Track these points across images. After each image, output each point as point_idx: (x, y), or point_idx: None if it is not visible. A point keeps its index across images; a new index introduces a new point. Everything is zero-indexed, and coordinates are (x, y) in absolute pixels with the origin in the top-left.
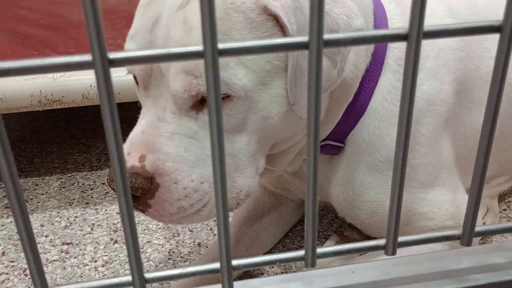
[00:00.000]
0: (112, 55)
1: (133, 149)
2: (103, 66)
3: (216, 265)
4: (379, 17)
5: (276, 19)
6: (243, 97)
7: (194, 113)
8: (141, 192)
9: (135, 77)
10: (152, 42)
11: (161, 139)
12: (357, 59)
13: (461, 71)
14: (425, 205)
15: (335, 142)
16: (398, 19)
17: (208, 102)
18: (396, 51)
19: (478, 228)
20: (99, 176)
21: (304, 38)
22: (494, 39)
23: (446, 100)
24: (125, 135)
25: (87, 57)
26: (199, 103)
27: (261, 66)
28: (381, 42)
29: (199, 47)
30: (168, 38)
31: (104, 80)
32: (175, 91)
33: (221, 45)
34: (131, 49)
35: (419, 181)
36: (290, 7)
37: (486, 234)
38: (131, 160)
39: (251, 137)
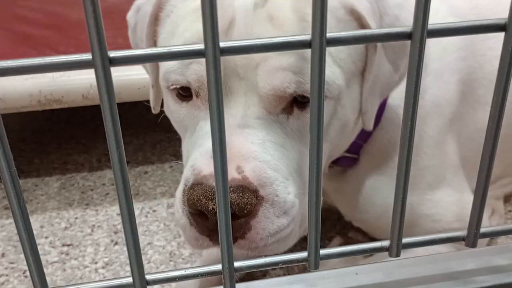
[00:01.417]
0: (113, 54)
1: None
2: (103, 65)
3: (218, 267)
4: None
5: (359, 20)
6: (334, 98)
7: (285, 116)
8: (249, 209)
9: (186, 89)
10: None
11: (254, 147)
12: None
13: (466, 70)
14: (431, 207)
15: (350, 154)
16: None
17: (209, 102)
18: None
19: (483, 229)
20: (99, 177)
21: (306, 37)
22: (497, 38)
23: (451, 101)
24: (126, 135)
25: (87, 56)
26: (290, 105)
27: (349, 66)
28: (385, 41)
29: (200, 46)
30: (252, 36)
31: (105, 79)
32: (273, 89)
33: (222, 44)
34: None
35: (426, 183)
36: (375, 10)
37: (491, 236)
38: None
39: (326, 147)
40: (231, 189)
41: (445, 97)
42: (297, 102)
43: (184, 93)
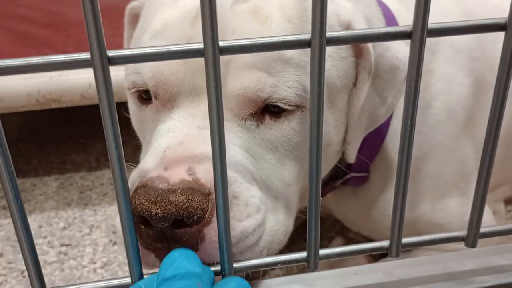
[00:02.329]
0: (111, 53)
1: (172, 162)
2: (102, 64)
3: (217, 267)
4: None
5: None
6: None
7: (254, 124)
8: (200, 214)
9: (146, 92)
10: (192, 38)
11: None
12: None
13: (478, 71)
14: (444, 217)
15: (359, 173)
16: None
17: (208, 103)
18: None
19: (483, 229)
20: (98, 176)
21: (306, 36)
22: None
23: (465, 104)
24: (124, 135)
25: (86, 55)
26: (261, 112)
27: (332, 79)
28: (385, 40)
29: (199, 45)
30: (228, 31)
31: (103, 79)
32: (242, 89)
33: (221, 43)
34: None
35: (439, 192)
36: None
37: (491, 236)
38: (177, 174)
39: (299, 168)
40: (178, 191)
41: (459, 102)
42: (270, 111)
43: (145, 96)
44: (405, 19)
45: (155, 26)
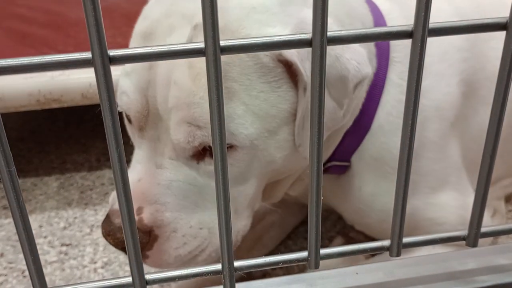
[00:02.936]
0: (113, 53)
1: None
2: (103, 63)
3: (218, 266)
4: (378, 21)
5: (287, 66)
6: (248, 147)
7: (195, 162)
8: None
9: (127, 116)
10: (151, 81)
11: (159, 188)
12: None
13: (467, 71)
14: (436, 210)
15: (340, 162)
16: (399, 21)
17: (209, 102)
18: (399, 65)
19: (484, 228)
20: (99, 176)
21: (307, 36)
22: (499, 38)
23: (453, 103)
24: (124, 135)
25: (87, 55)
26: (200, 153)
27: (266, 111)
28: (385, 39)
29: (200, 44)
30: (171, 81)
31: (104, 78)
32: (177, 141)
33: (222, 42)
34: (127, 86)
35: (430, 187)
36: (303, 54)
37: (492, 235)
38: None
39: (253, 180)
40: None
41: (447, 100)
42: (210, 150)
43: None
44: (396, 17)
45: (127, 66)
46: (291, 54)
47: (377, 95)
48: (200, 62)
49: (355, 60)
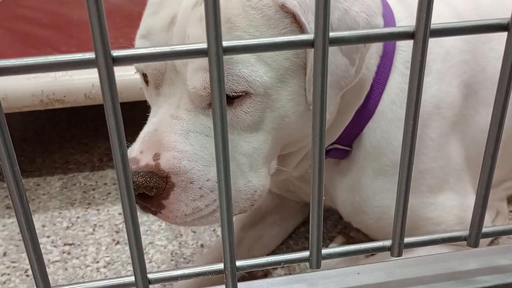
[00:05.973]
0: (116, 53)
1: (146, 147)
2: (107, 64)
3: (220, 266)
4: (388, 20)
5: (294, 16)
6: (262, 95)
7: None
8: (155, 192)
9: (144, 76)
10: (168, 42)
11: (176, 137)
12: (369, 61)
13: (468, 73)
14: (433, 210)
15: (342, 146)
16: (405, 21)
17: (212, 100)
18: (404, 54)
19: (485, 229)
20: (101, 176)
21: (309, 36)
22: (500, 40)
23: (453, 103)
24: (128, 135)
25: (90, 55)
26: None
27: (280, 63)
28: (388, 40)
29: (203, 45)
30: (185, 36)
31: (108, 79)
32: (194, 88)
33: (225, 43)
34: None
35: (428, 186)
36: (307, 5)
37: (493, 235)
38: (145, 159)
39: (267, 136)
40: (140, 173)
41: (446, 100)
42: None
43: (146, 78)
44: (402, 17)
45: (141, 29)
46: (293, 5)
47: (384, 79)
48: None
49: (364, 12)
